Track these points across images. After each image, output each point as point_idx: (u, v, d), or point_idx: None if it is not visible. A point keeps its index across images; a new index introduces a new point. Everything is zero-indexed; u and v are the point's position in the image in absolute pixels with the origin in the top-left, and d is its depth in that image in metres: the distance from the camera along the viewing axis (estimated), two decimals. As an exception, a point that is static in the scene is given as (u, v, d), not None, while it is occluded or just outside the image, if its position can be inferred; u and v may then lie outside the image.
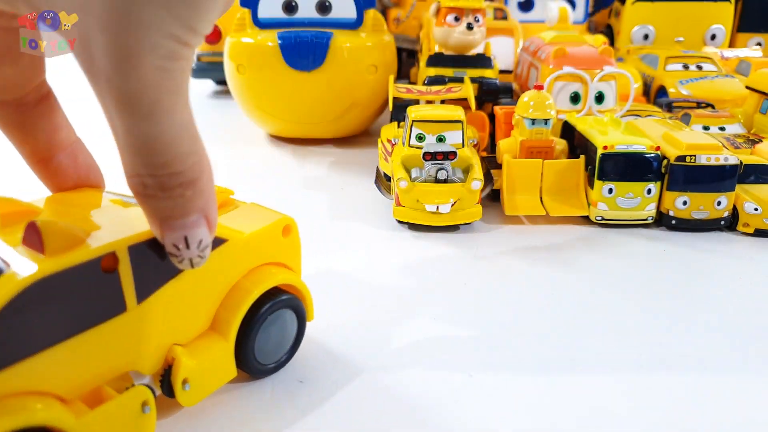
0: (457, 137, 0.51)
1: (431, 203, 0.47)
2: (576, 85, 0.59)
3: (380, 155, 0.58)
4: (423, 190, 0.48)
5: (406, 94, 0.59)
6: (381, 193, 0.52)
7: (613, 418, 0.30)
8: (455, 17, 0.65)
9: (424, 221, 0.48)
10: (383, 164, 0.57)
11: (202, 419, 0.30)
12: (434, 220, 0.48)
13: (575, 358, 0.34)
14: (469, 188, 0.48)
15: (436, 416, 0.30)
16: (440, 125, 0.50)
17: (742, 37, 0.93)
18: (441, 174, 0.48)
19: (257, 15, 0.68)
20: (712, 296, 0.41)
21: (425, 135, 0.50)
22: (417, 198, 0.48)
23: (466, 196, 0.48)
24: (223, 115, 0.88)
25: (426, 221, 0.48)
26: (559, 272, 0.44)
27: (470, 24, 0.64)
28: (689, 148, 0.48)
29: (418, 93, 0.59)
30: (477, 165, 0.49)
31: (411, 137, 0.51)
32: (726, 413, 0.30)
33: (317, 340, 0.36)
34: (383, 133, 0.61)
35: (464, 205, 0.48)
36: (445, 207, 0.47)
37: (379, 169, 0.56)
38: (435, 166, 0.48)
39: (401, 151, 0.51)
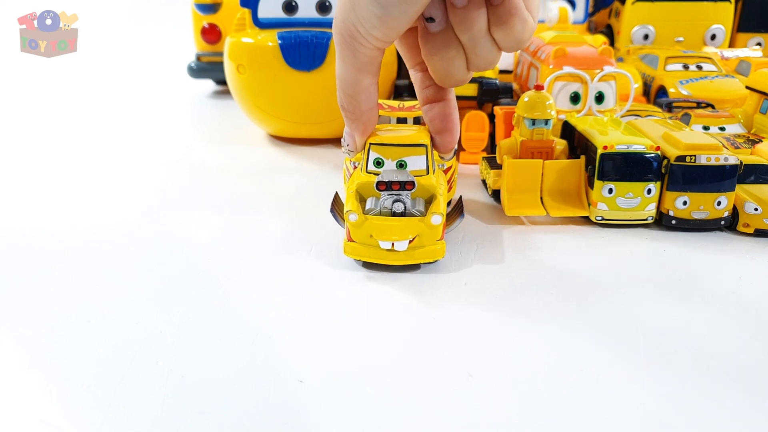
0: (420, 163, 0.44)
1: (386, 240, 0.41)
2: (576, 85, 0.59)
3: (344, 177, 0.53)
4: (376, 224, 0.42)
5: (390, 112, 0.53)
6: (337, 222, 0.46)
7: (612, 415, 0.30)
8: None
9: (378, 259, 0.42)
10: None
11: (204, 417, 0.30)
12: (389, 258, 0.42)
13: (575, 358, 0.34)
14: (429, 223, 0.42)
15: (436, 416, 0.30)
16: (401, 149, 0.43)
17: (742, 37, 0.93)
18: (397, 206, 0.42)
19: (257, 15, 0.68)
20: (712, 296, 0.41)
21: (384, 160, 0.44)
22: (370, 233, 0.42)
23: (426, 232, 0.42)
24: (223, 115, 0.88)
25: (380, 259, 0.42)
26: (559, 272, 0.44)
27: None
28: (689, 148, 0.48)
29: (389, 109, 0.52)
30: (442, 195, 0.43)
31: (368, 162, 0.44)
32: (726, 413, 0.30)
33: (317, 341, 0.36)
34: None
35: (424, 241, 0.42)
36: (402, 244, 0.41)
37: (338, 195, 0.50)
38: (391, 198, 0.42)
39: (357, 178, 0.44)
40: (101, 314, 0.38)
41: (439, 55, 0.36)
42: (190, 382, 0.32)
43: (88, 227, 0.51)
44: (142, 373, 0.33)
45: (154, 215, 0.54)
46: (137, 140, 0.77)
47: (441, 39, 0.35)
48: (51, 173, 0.65)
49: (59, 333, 0.36)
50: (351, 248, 0.43)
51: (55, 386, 0.32)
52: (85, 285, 0.42)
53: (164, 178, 0.63)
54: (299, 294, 0.41)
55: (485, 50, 0.35)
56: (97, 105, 0.95)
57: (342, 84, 0.39)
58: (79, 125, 0.84)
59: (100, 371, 0.33)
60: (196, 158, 0.70)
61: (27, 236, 0.49)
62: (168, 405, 0.31)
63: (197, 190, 0.60)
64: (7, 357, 0.35)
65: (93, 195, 0.59)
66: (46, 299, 0.40)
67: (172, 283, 0.42)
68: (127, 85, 1.09)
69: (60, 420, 0.30)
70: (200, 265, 0.45)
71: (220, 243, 0.48)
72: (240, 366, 0.34)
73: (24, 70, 1.11)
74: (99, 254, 0.46)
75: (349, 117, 0.41)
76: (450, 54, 0.36)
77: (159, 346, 0.35)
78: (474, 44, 0.35)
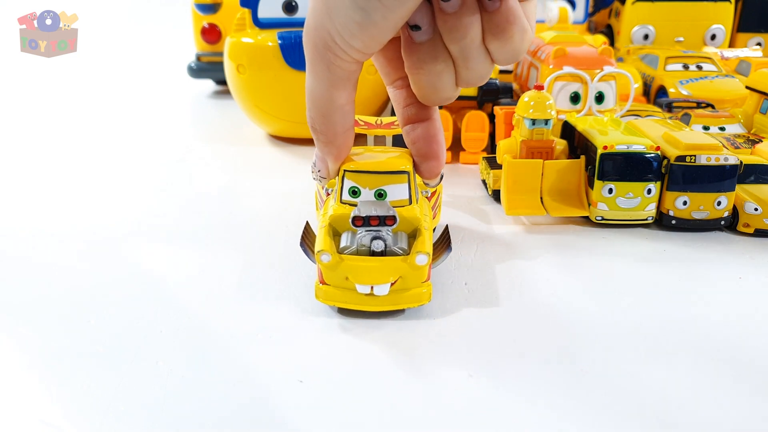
0: (401, 192, 0.38)
1: (364, 283, 0.36)
2: (576, 85, 0.59)
3: (315, 204, 0.47)
4: (353, 265, 0.36)
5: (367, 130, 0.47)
6: (308, 258, 0.40)
7: (613, 416, 0.30)
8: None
9: (356, 305, 0.37)
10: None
11: (205, 418, 0.30)
12: (368, 303, 0.37)
13: (576, 358, 0.34)
14: (413, 264, 0.36)
15: (436, 416, 0.30)
16: (380, 177, 0.38)
17: (742, 37, 0.93)
18: (377, 245, 0.37)
19: (257, 15, 0.68)
20: (712, 296, 0.41)
21: (360, 189, 0.38)
22: (345, 275, 0.36)
23: (410, 274, 0.37)
24: (222, 115, 0.88)
25: (358, 305, 0.37)
26: (559, 272, 0.44)
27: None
28: (689, 148, 0.48)
29: (365, 126, 0.47)
30: (427, 230, 0.38)
31: (343, 191, 0.38)
32: (727, 412, 0.30)
33: (317, 341, 0.36)
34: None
35: (408, 284, 0.37)
36: (382, 288, 0.36)
37: (309, 226, 0.43)
38: (369, 234, 0.37)
39: (330, 209, 0.39)
40: (101, 314, 0.38)
41: (425, 69, 0.31)
42: (189, 383, 0.32)
43: (88, 227, 0.51)
44: (142, 374, 0.33)
45: (154, 215, 0.54)
46: (137, 140, 0.77)
47: (427, 50, 0.31)
48: (51, 173, 0.65)
49: (59, 333, 0.36)
50: (324, 292, 0.37)
51: (55, 386, 0.32)
52: (85, 285, 0.42)
53: (164, 178, 0.63)
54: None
55: (478, 63, 0.31)
56: (97, 105, 0.95)
57: (313, 101, 0.34)
58: (79, 125, 0.84)
59: (100, 371, 0.33)
60: (196, 158, 0.70)
61: (27, 236, 0.49)
62: (168, 405, 0.31)
63: (196, 190, 0.60)
64: (6, 357, 0.35)
65: (93, 195, 0.59)
66: (45, 299, 0.40)
67: (171, 283, 0.42)
68: (127, 85, 1.09)
69: (60, 420, 0.30)
70: (198, 267, 0.45)
71: (218, 248, 0.48)
72: (239, 365, 0.34)
73: (24, 70, 1.11)
74: (99, 254, 0.46)
75: (320, 139, 0.36)
76: (438, 68, 0.31)
77: (159, 347, 0.35)
78: (466, 56, 0.30)
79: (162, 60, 1.24)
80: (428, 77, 0.32)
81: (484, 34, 0.30)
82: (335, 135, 0.35)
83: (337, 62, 0.31)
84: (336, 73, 0.32)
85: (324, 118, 0.34)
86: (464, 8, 0.29)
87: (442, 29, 0.30)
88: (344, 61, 0.31)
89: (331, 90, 0.33)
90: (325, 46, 0.31)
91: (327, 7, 0.29)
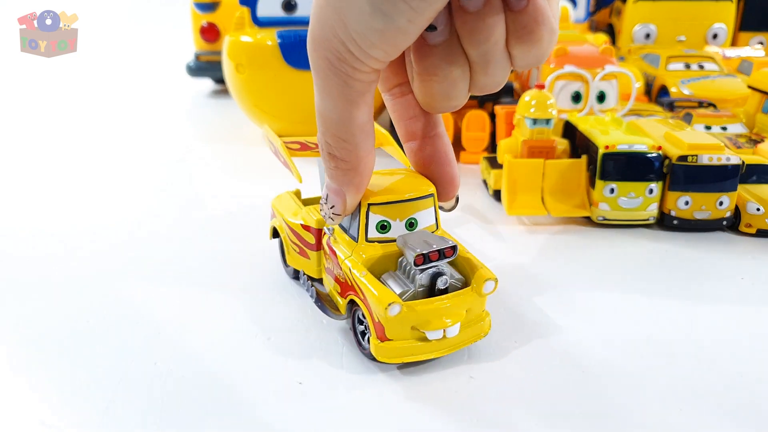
0: (429, 217, 0.35)
1: (437, 328, 0.32)
2: (577, 84, 0.59)
3: (287, 246, 0.40)
4: (423, 310, 0.32)
5: (300, 152, 0.41)
6: (330, 316, 0.36)
7: (615, 417, 0.30)
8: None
9: (428, 355, 0.33)
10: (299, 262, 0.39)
11: (204, 418, 0.30)
12: (439, 349, 0.33)
13: (576, 358, 0.34)
14: (480, 293, 0.33)
15: (436, 416, 0.30)
16: (410, 205, 0.34)
17: (744, 37, 0.93)
18: (442, 281, 0.33)
19: (256, 13, 0.68)
20: (714, 296, 0.41)
21: (390, 222, 0.34)
22: (412, 324, 0.32)
23: (475, 304, 0.34)
24: (222, 114, 0.87)
25: (429, 354, 0.33)
26: (560, 273, 0.44)
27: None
28: (691, 147, 0.48)
29: (316, 148, 0.41)
30: (469, 252, 0.35)
31: (368, 228, 0.34)
32: (727, 413, 0.30)
33: (317, 342, 0.36)
34: (278, 205, 0.42)
35: (472, 316, 0.34)
36: (454, 329, 0.33)
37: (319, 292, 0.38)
38: (427, 272, 0.33)
39: (359, 252, 0.34)
40: (100, 315, 0.38)
41: (439, 75, 0.28)
42: (188, 383, 0.32)
43: (88, 227, 0.51)
44: (141, 374, 0.33)
45: (154, 215, 0.54)
46: (136, 140, 0.76)
47: (443, 54, 0.27)
48: (51, 173, 0.64)
49: (58, 333, 0.36)
50: (387, 351, 0.32)
51: (55, 387, 0.32)
52: (84, 285, 0.42)
53: (164, 178, 0.63)
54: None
55: (498, 68, 0.27)
56: (96, 105, 0.95)
57: (329, 125, 0.29)
58: (79, 125, 0.83)
59: (99, 372, 0.33)
60: (196, 158, 0.70)
61: (27, 236, 0.49)
62: (167, 405, 0.30)
63: (196, 190, 0.60)
64: (6, 357, 0.34)
65: (93, 195, 0.58)
66: (44, 299, 0.40)
67: (171, 283, 0.42)
68: (127, 85, 1.09)
69: (59, 420, 0.30)
70: (199, 266, 0.44)
71: (219, 248, 0.48)
72: (239, 366, 0.34)
73: (24, 70, 1.10)
74: (98, 254, 0.46)
75: (341, 168, 0.30)
76: (454, 74, 0.27)
77: (158, 347, 0.35)
78: (486, 61, 0.27)
79: (161, 59, 1.24)
80: (442, 85, 0.28)
81: (507, 37, 0.26)
82: (359, 160, 0.30)
83: (355, 75, 0.27)
84: (354, 88, 0.27)
85: (344, 142, 0.29)
86: (488, 7, 0.25)
87: (462, 30, 0.26)
88: (362, 73, 0.27)
89: (350, 108, 0.28)
90: (339, 58, 0.26)
91: (338, 14, 0.25)
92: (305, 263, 0.39)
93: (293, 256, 0.40)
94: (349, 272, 0.34)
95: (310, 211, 0.39)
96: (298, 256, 0.39)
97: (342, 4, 0.25)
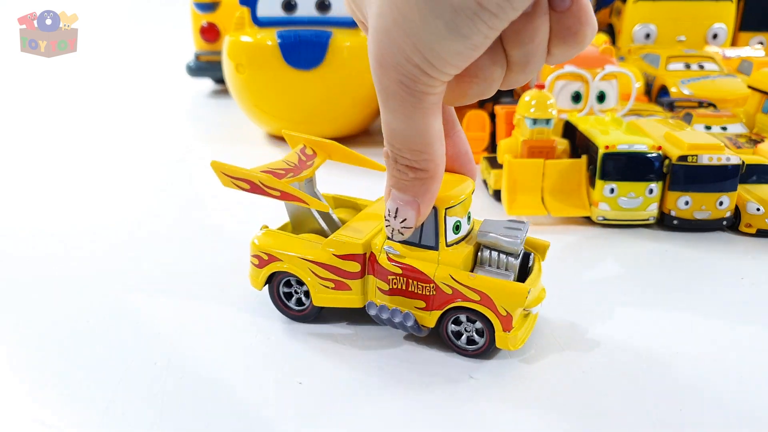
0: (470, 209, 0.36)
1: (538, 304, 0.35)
2: (577, 84, 0.59)
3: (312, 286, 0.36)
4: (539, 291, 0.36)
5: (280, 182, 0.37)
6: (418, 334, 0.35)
7: (615, 417, 0.30)
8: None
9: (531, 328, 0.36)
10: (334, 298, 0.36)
11: (204, 418, 0.30)
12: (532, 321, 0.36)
13: (576, 358, 0.34)
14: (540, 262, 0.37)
15: (436, 416, 0.30)
16: (467, 201, 0.35)
17: (744, 36, 0.93)
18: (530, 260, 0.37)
19: (256, 13, 0.68)
20: (714, 296, 0.41)
21: (461, 222, 0.35)
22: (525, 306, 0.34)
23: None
24: (221, 114, 0.87)
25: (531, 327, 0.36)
26: (560, 273, 0.44)
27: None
28: (691, 147, 0.48)
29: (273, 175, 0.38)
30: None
31: (447, 232, 0.34)
32: (728, 412, 0.30)
33: (317, 342, 0.36)
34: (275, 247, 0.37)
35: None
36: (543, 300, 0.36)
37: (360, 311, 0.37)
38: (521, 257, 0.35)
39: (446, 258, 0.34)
40: (100, 315, 0.38)
41: (480, 77, 0.27)
42: (187, 383, 0.32)
43: (88, 227, 0.51)
44: (140, 374, 0.33)
45: (154, 215, 0.54)
46: (136, 139, 0.76)
47: (487, 56, 0.27)
48: (51, 173, 0.64)
49: (58, 333, 0.36)
50: (514, 339, 0.33)
51: (54, 386, 0.32)
52: (84, 285, 0.42)
53: (164, 178, 0.63)
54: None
55: (537, 67, 0.27)
56: (96, 105, 0.95)
57: (406, 141, 0.29)
58: (79, 125, 0.83)
59: (98, 372, 0.33)
60: (196, 158, 0.70)
61: (27, 236, 0.49)
62: (166, 405, 0.30)
63: (196, 190, 0.60)
64: (5, 357, 0.34)
65: (93, 195, 0.58)
66: (44, 299, 0.40)
67: (171, 282, 0.42)
68: (127, 85, 1.09)
69: (58, 421, 0.30)
70: (198, 267, 0.44)
71: (219, 248, 0.48)
72: (238, 366, 0.34)
73: (24, 70, 1.10)
74: (98, 254, 0.46)
75: (421, 178, 0.30)
76: (495, 75, 0.27)
77: (157, 347, 0.35)
78: (527, 61, 0.27)
79: (161, 59, 1.24)
80: (481, 85, 0.28)
81: (550, 36, 0.26)
82: (438, 167, 0.30)
83: (430, 91, 0.27)
84: (429, 102, 0.27)
85: (423, 153, 0.29)
86: (535, 7, 0.25)
87: (507, 31, 0.26)
88: (436, 89, 0.27)
89: (426, 120, 0.28)
90: (414, 80, 0.26)
91: (410, 38, 0.25)
92: (343, 297, 0.36)
93: (323, 294, 0.36)
94: (450, 280, 0.34)
95: (342, 238, 0.36)
96: (333, 291, 0.36)
97: (414, 28, 0.25)
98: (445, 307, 0.34)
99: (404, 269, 0.34)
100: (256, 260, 0.37)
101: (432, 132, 0.29)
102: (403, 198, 0.31)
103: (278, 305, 0.38)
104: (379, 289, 0.35)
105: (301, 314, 0.38)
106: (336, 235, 0.36)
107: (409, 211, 0.31)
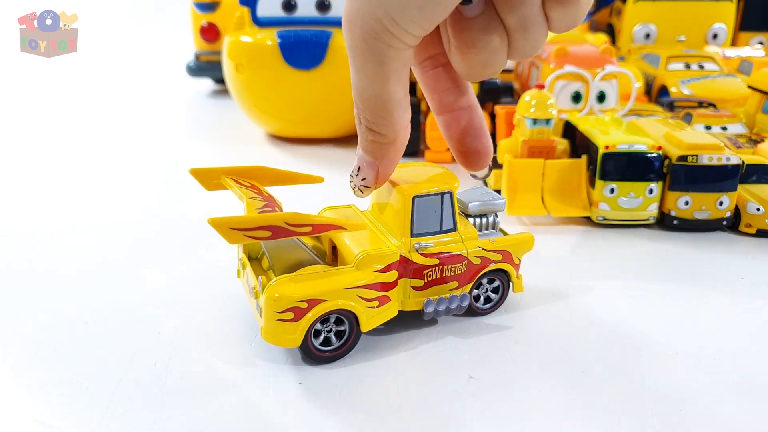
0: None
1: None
2: (577, 84, 0.59)
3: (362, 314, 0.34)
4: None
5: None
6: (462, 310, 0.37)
7: (615, 417, 0.30)
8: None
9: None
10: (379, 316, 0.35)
11: (203, 418, 0.30)
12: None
13: (576, 359, 0.34)
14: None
15: (436, 416, 0.30)
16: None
17: (744, 36, 0.93)
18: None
19: (256, 13, 0.68)
20: (714, 296, 0.41)
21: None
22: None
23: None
24: (221, 114, 0.87)
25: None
26: (560, 273, 0.44)
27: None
28: (691, 147, 0.48)
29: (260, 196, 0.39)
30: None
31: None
32: (727, 413, 0.30)
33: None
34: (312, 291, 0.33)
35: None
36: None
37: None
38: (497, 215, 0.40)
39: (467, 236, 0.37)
40: (100, 315, 0.38)
41: (478, 47, 0.28)
42: (188, 383, 0.32)
43: (88, 227, 0.51)
44: (140, 374, 0.33)
45: (154, 215, 0.54)
46: (136, 139, 0.76)
47: (481, 25, 0.27)
48: (51, 173, 0.64)
49: (58, 333, 0.36)
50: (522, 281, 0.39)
51: (53, 387, 0.32)
52: (84, 285, 0.42)
53: (163, 178, 0.63)
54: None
55: (537, 32, 0.27)
56: (96, 105, 0.95)
57: (367, 102, 0.30)
58: (79, 125, 0.83)
59: (98, 372, 0.33)
60: (196, 157, 0.70)
61: (27, 236, 0.49)
62: (167, 405, 0.30)
63: (196, 189, 0.60)
64: (5, 357, 0.34)
65: (93, 195, 0.58)
66: (44, 299, 0.40)
67: (170, 283, 0.42)
68: (127, 85, 1.09)
69: (58, 421, 0.30)
70: (198, 267, 0.44)
71: (219, 247, 0.48)
72: (238, 366, 0.33)
73: (24, 70, 1.10)
74: (98, 254, 0.46)
75: (380, 141, 0.31)
76: (494, 43, 0.27)
77: (157, 347, 0.35)
78: (525, 26, 0.27)
79: (161, 59, 1.24)
80: (482, 55, 0.28)
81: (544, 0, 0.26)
82: (396, 134, 0.31)
83: (391, 53, 0.28)
84: (391, 66, 0.28)
85: (382, 118, 0.30)
86: None
87: None
88: (399, 50, 0.28)
89: (387, 85, 0.29)
90: (376, 37, 0.27)
91: None
92: (386, 311, 0.35)
93: (370, 318, 0.34)
94: (480, 251, 0.37)
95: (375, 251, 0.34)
96: (377, 310, 0.34)
97: None
98: (475, 278, 0.37)
99: (440, 258, 0.36)
100: (291, 314, 0.32)
101: (393, 98, 0.30)
102: (365, 158, 0.33)
103: (312, 353, 0.33)
104: (413, 288, 0.36)
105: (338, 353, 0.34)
106: (364, 253, 0.34)
107: (369, 171, 0.33)
